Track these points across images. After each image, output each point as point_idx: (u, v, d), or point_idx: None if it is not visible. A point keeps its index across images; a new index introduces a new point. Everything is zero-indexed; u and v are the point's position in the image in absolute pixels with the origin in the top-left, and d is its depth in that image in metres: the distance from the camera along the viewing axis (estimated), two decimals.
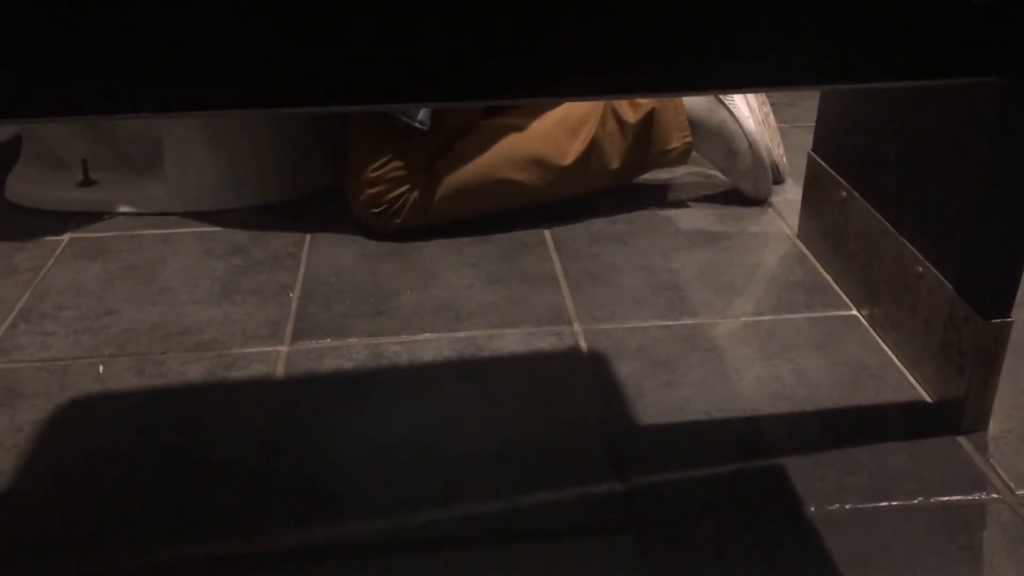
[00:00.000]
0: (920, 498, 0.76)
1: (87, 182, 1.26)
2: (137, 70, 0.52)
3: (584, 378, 0.91)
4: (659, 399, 0.88)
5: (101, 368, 0.92)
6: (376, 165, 1.13)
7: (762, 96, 1.28)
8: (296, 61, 0.54)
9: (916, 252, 0.90)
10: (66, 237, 1.18)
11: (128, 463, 0.80)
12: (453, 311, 1.02)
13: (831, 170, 1.09)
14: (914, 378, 0.91)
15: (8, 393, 0.89)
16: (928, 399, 0.88)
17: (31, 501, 0.76)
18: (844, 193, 1.06)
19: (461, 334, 0.98)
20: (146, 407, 0.88)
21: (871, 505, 0.76)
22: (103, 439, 0.83)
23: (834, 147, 1.10)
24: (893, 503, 0.76)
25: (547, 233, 1.19)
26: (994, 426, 0.84)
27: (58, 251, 1.15)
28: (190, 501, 0.76)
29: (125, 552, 0.71)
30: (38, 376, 0.91)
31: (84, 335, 0.98)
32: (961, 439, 0.83)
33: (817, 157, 1.13)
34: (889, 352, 0.95)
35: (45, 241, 1.17)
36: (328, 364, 0.93)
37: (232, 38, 0.51)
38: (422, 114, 1.10)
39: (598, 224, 1.21)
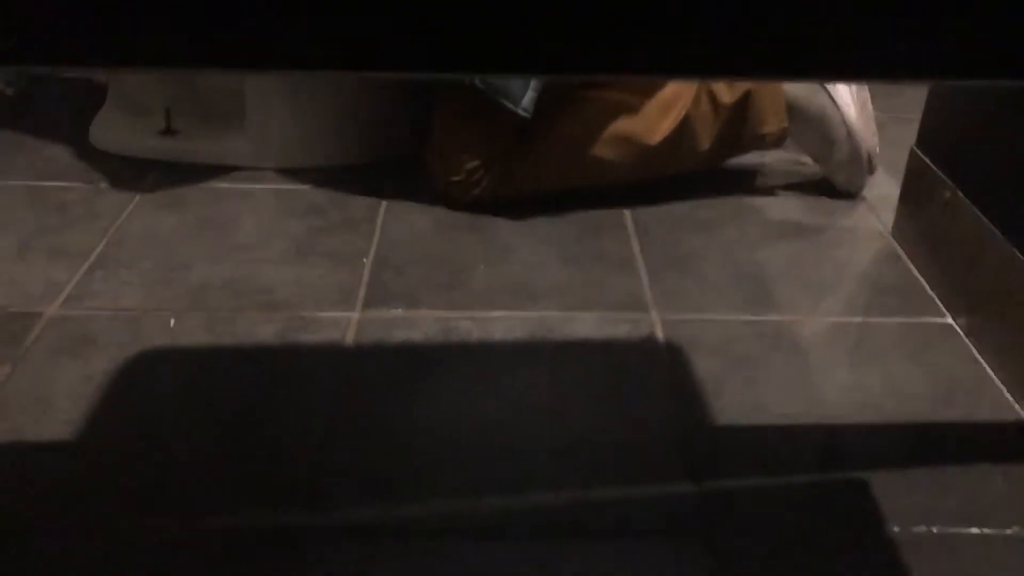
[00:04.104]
0: (1015, 528, 0.72)
1: (169, 131, 1.26)
2: (223, 23, 0.50)
3: (659, 371, 0.88)
4: (737, 399, 0.84)
5: (172, 322, 0.92)
6: (461, 135, 1.11)
7: None
8: (392, 22, 0.50)
9: None
10: (146, 185, 1.18)
11: (194, 423, 0.80)
12: (526, 289, 0.99)
13: (935, 167, 1.03)
14: (1013, 396, 0.86)
15: (82, 341, 0.89)
16: None
17: (96, 454, 0.76)
18: (948, 193, 1.00)
19: (533, 314, 0.95)
20: (215, 365, 0.87)
21: (960, 531, 0.71)
22: (171, 396, 0.83)
23: (941, 143, 1.04)
24: (985, 531, 0.71)
25: (628, 214, 1.15)
26: None
27: (137, 199, 1.15)
28: (253, 467, 0.75)
29: (184, 514, 0.71)
30: (111, 325, 0.91)
31: (158, 287, 0.98)
32: None
33: (920, 152, 1.07)
34: (986, 366, 0.90)
35: (125, 188, 1.17)
36: (398, 335, 0.91)
37: None
38: (526, 100, 1.06)
39: (682, 208, 1.17)
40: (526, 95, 1.06)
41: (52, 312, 0.93)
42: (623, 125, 1.13)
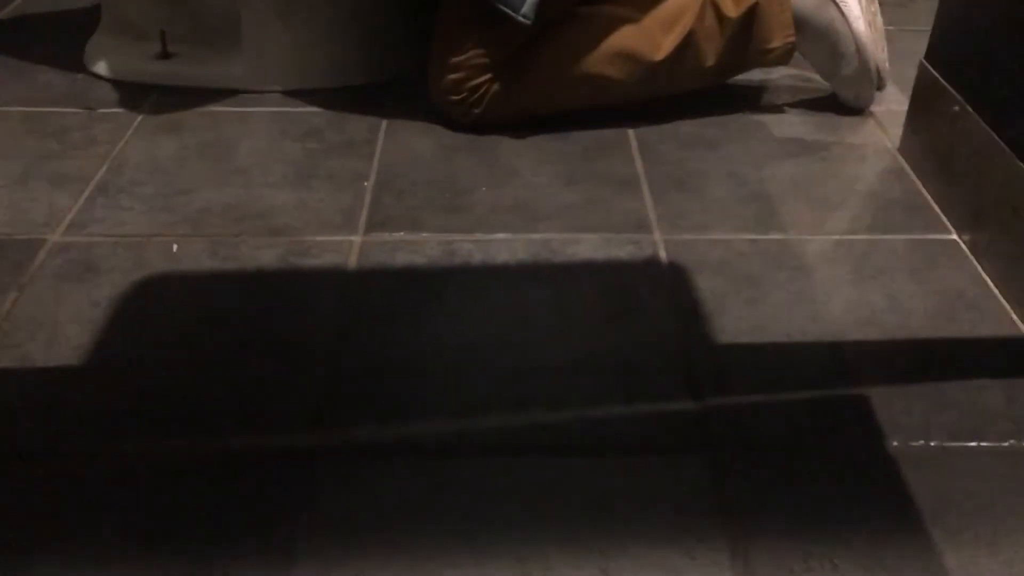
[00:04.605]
0: (1012, 441, 0.72)
1: (165, 54, 1.24)
2: None
3: (662, 291, 0.88)
4: (740, 317, 0.84)
5: (175, 247, 0.92)
6: (460, 51, 1.09)
7: None
8: None
9: None
10: (143, 110, 1.17)
11: (198, 347, 0.81)
12: (529, 211, 0.99)
13: (944, 81, 1.01)
14: (1015, 312, 0.86)
15: (86, 267, 0.89)
16: None
17: (103, 378, 0.77)
18: (957, 108, 0.98)
19: (536, 236, 0.95)
20: (218, 290, 0.87)
21: (959, 444, 0.72)
22: (175, 320, 0.84)
23: (950, 56, 1.02)
24: (983, 444, 0.72)
25: (631, 133, 1.14)
26: None
27: (135, 124, 1.14)
28: (257, 390, 0.76)
29: (190, 437, 0.72)
30: (114, 252, 0.91)
31: (159, 212, 0.98)
32: None
33: (929, 66, 1.05)
34: (990, 283, 0.89)
35: (123, 113, 1.16)
36: (401, 258, 0.91)
37: None
38: (526, 7, 1.03)
39: (686, 126, 1.15)
40: (526, 1, 1.03)
41: (55, 239, 0.93)
42: (625, 41, 1.11)
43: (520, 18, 1.03)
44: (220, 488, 0.68)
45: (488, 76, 1.09)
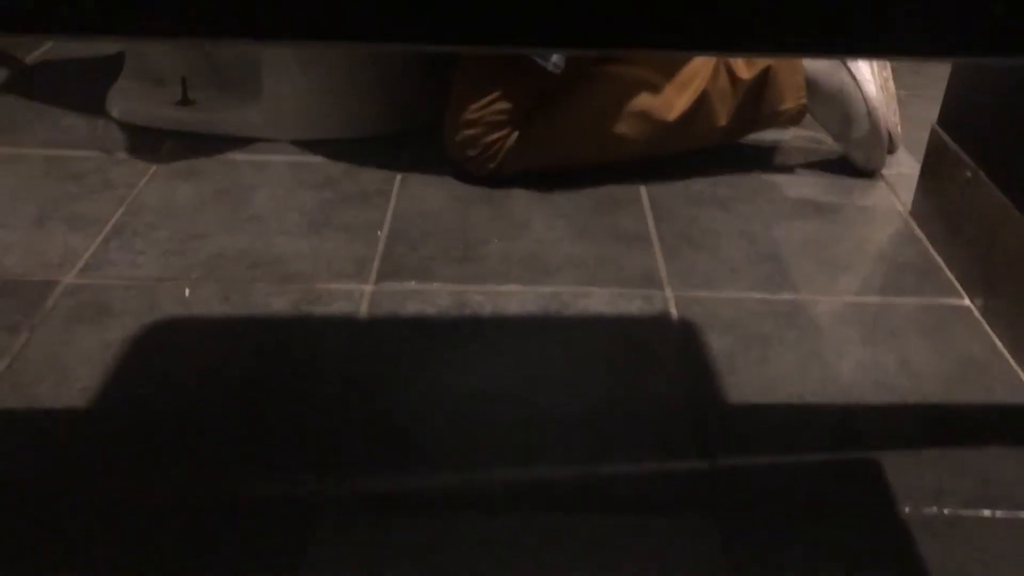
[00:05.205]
0: None
1: (185, 101, 1.26)
2: None
3: (672, 348, 0.87)
4: (750, 377, 0.84)
5: (187, 292, 0.93)
6: (477, 106, 1.10)
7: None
8: None
9: None
10: (161, 155, 1.18)
11: (208, 392, 0.80)
12: (541, 264, 0.99)
13: (956, 146, 1.02)
14: None
15: (99, 309, 0.89)
16: None
17: (111, 421, 0.77)
18: (969, 173, 0.98)
19: (547, 289, 0.95)
20: (229, 335, 0.88)
21: (973, 513, 0.71)
22: (185, 365, 0.84)
23: (963, 121, 1.03)
24: (998, 513, 0.71)
25: (643, 190, 1.14)
26: None
27: (153, 169, 1.15)
28: (265, 436, 0.76)
29: (196, 483, 0.71)
30: (127, 294, 0.92)
31: (173, 257, 0.98)
32: None
33: (941, 131, 1.06)
34: (1003, 348, 0.89)
35: (141, 158, 1.17)
36: (411, 308, 0.91)
37: None
38: (556, 57, 1.05)
39: (698, 184, 1.16)
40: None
41: (69, 280, 0.93)
42: (639, 100, 1.12)
43: (551, 67, 1.05)
44: (221, 534, 0.67)
45: (504, 132, 1.11)
